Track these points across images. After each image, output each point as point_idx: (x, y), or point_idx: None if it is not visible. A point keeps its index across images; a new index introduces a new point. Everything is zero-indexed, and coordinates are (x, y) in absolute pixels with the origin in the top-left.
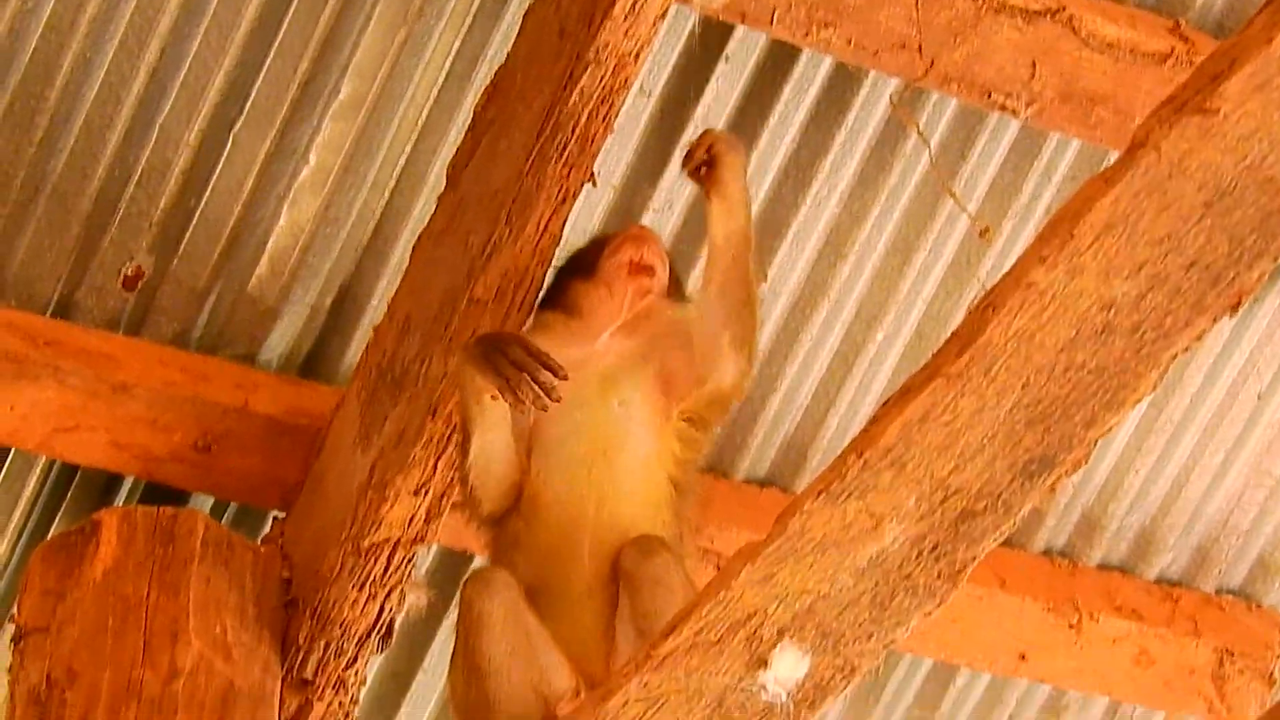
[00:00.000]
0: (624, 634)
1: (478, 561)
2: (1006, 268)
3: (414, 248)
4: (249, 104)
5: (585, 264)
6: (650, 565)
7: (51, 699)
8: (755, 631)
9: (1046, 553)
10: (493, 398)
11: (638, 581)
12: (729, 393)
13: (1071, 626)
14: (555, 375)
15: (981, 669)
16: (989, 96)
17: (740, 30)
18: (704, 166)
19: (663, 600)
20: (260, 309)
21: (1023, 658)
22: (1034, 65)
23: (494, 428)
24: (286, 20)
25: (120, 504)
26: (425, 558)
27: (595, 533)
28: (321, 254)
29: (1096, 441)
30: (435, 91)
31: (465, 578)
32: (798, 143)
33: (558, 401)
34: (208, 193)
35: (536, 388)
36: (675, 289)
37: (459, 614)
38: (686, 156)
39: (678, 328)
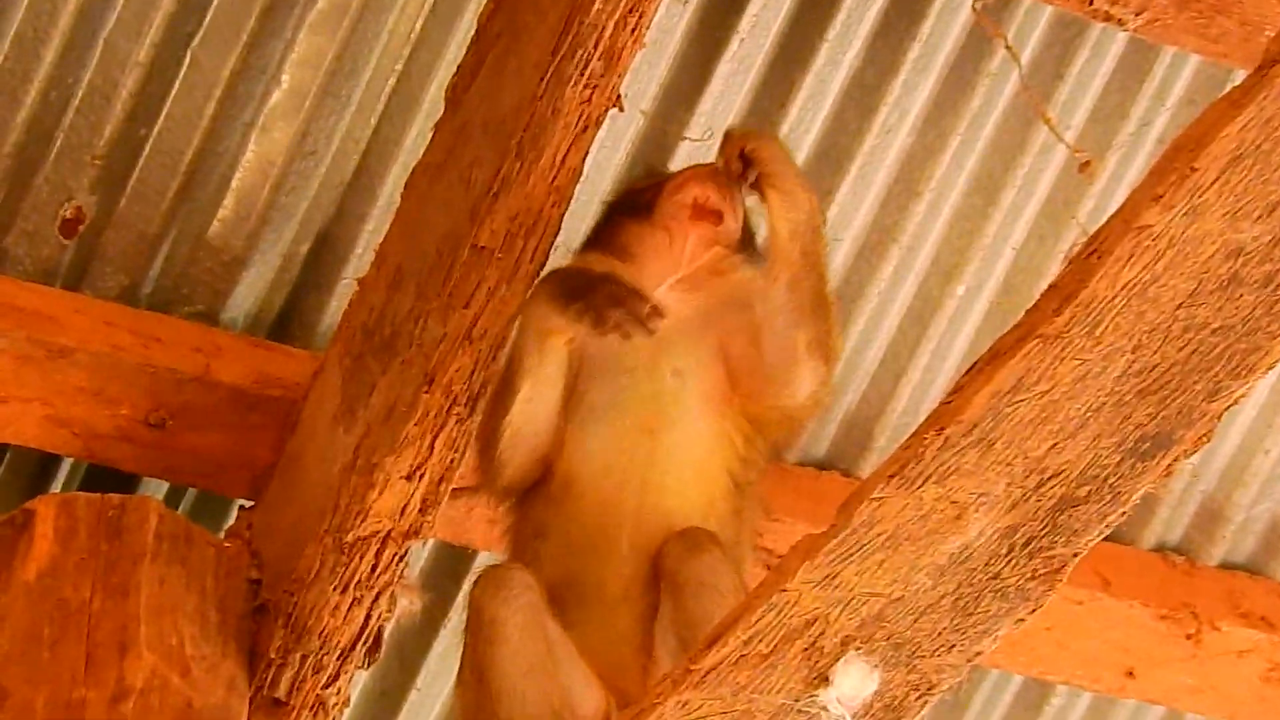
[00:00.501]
0: (664, 643)
1: (483, 558)
2: (1112, 208)
3: (406, 185)
4: (209, 14)
5: (642, 202)
6: (696, 564)
7: None
8: (815, 642)
9: (1159, 549)
10: (567, 341)
11: (681, 582)
12: (806, 409)
13: (1188, 637)
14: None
15: (1082, 686)
16: (1090, 3)
17: None
18: (746, 170)
19: (710, 605)
20: (224, 259)
21: (1130, 674)
22: None
23: (546, 382)
24: None
25: (58, 490)
26: (420, 554)
27: (636, 523)
28: (296, 193)
29: (1220, 415)
30: None
31: (476, 577)
32: (863, 59)
33: (653, 334)
34: (160, 120)
35: (630, 318)
36: (747, 244)
37: (468, 621)
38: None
39: (748, 296)
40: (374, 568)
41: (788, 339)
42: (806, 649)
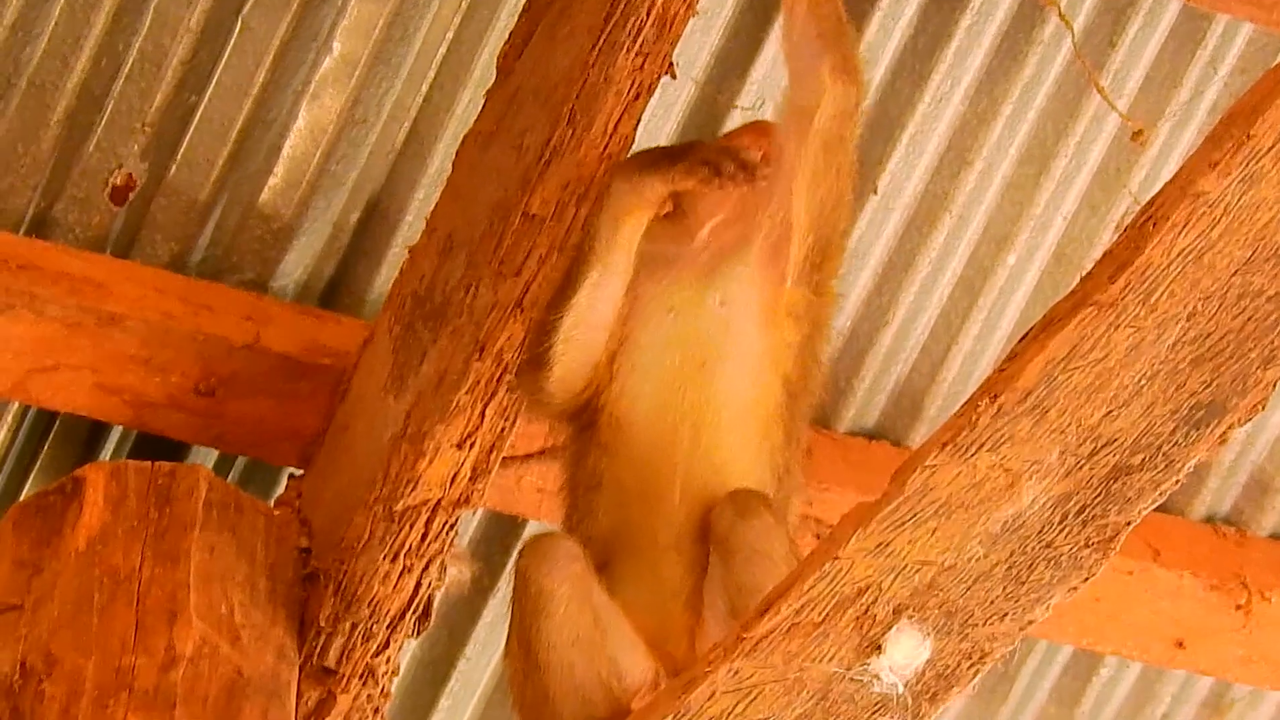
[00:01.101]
0: (713, 607)
1: (533, 527)
2: (1164, 177)
3: (457, 153)
4: None
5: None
6: (748, 530)
7: (25, 691)
8: (867, 610)
9: (1209, 520)
10: (664, 215)
11: (732, 548)
12: (840, 120)
13: (1239, 608)
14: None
15: (1131, 657)
16: None
17: None
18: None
19: (761, 572)
20: (274, 226)
21: (1180, 645)
22: None
23: (615, 271)
24: None
25: (108, 458)
26: (469, 523)
27: (689, 465)
28: (346, 160)
29: (1275, 383)
30: None
31: (521, 547)
32: (915, 27)
33: (764, 180)
34: (211, 87)
35: (742, 164)
36: None
37: (514, 591)
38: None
39: (776, 214)
40: (424, 536)
41: (813, 70)
42: (858, 617)
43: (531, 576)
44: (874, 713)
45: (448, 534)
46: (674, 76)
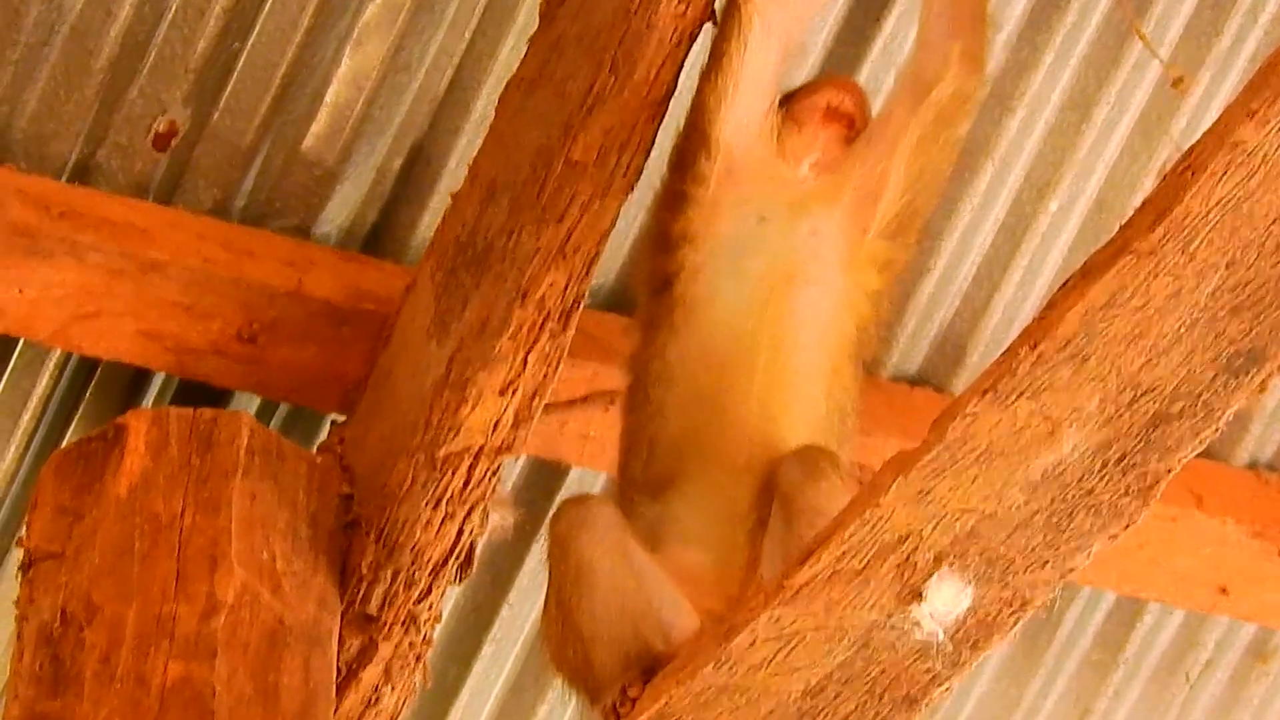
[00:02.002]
0: (771, 558)
1: (575, 474)
2: (1205, 125)
3: (499, 99)
4: None
5: (781, 101)
6: (815, 493)
7: (66, 638)
8: (908, 558)
9: (1252, 466)
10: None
11: (797, 509)
12: (958, 100)
13: None
14: None
15: (1174, 604)
16: None
17: None
18: None
19: None
20: (316, 173)
21: (1223, 591)
22: None
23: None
24: None
25: (150, 405)
26: (512, 470)
27: (766, 380)
28: (389, 106)
29: None
30: None
31: (555, 510)
32: None
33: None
34: (254, 33)
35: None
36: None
37: (551, 557)
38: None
39: (870, 171)
40: (466, 483)
41: (942, 48)
42: (899, 565)
43: (571, 547)
44: (915, 660)
45: (490, 480)
46: (715, 24)
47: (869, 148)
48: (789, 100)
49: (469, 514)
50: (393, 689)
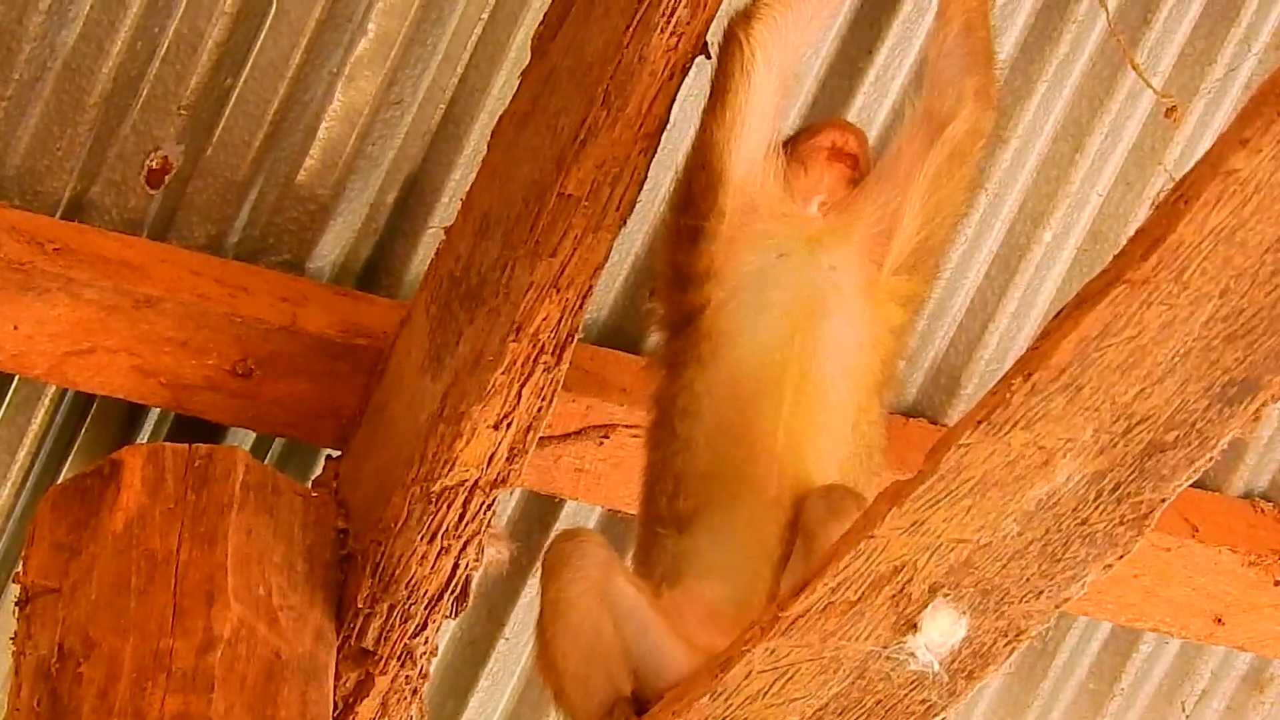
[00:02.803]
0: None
1: (571, 507)
2: (1199, 154)
3: (492, 133)
4: None
5: (784, 144)
6: (837, 529)
7: (64, 673)
8: (903, 589)
9: (1247, 496)
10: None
11: (818, 546)
12: (972, 137)
13: (1277, 583)
14: None
15: (1170, 634)
16: None
17: None
18: None
19: None
20: (310, 208)
21: (1219, 621)
22: None
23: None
24: None
25: (145, 440)
26: (507, 504)
27: (793, 414)
28: (382, 142)
29: None
30: None
31: (550, 541)
32: None
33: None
34: (246, 69)
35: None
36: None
37: (542, 584)
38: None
39: (883, 208)
40: (461, 517)
41: (957, 83)
42: (894, 596)
43: (551, 583)
44: (910, 691)
45: (485, 514)
46: (708, 56)
47: (880, 185)
48: (791, 142)
49: (464, 548)
50: None
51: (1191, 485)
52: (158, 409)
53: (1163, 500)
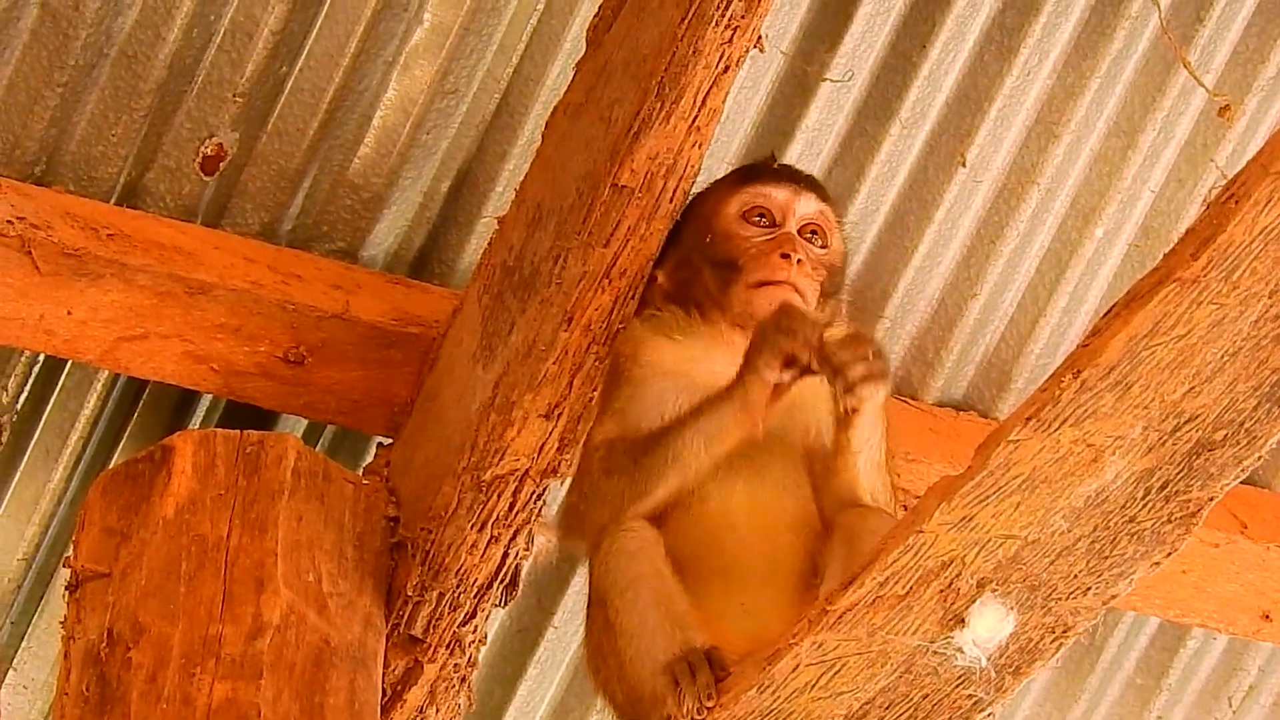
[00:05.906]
0: (831, 578)
1: None
2: (1250, 152)
3: (546, 124)
4: None
5: (722, 259)
6: (875, 518)
7: (113, 658)
8: (951, 584)
9: None
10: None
11: (858, 531)
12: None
13: None
14: None
15: (1218, 630)
16: None
17: None
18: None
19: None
20: (363, 196)
21: (1267, 617)
22: None
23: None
24: None
25: (196, 426)
26: (557, 493)
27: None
28: (437, 131)
29: None
30: None
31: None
32: (1003, 1)
33: None
34: (302, 57)
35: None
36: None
37: (591, 567)
38: (826, 361)
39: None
40: (511, 505)
41: (853, 494)
42: (942, 591)
43: (608, 541)
44: (957, 686)
45: (536, 503)
46: (762, 49)
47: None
48: (723, 261)
49: (514, 537)
50: (437, 710)
51: (1240, 482)
52: (209, 395)
53: (1210, 499)
